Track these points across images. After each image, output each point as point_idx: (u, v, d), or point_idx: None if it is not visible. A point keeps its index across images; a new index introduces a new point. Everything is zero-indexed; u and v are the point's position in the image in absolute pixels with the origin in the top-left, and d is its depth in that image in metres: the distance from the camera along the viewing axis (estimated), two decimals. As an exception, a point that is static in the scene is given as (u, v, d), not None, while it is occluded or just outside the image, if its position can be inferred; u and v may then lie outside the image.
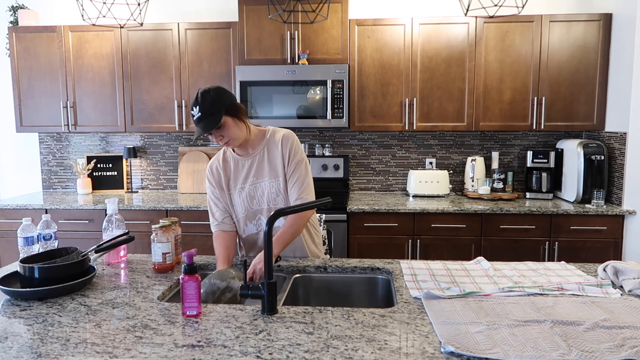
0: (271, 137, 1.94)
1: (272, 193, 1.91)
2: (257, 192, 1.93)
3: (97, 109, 3.67)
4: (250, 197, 1.93)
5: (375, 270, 1.86)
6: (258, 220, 1.96)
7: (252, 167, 1.93)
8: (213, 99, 1.76)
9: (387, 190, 3.93)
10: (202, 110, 1.74)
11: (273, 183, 1.91)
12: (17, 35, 3.65)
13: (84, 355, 1.14)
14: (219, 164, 1.98)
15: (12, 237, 3.44)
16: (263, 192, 1.92)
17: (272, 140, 1.93)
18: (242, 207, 1.95)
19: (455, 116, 3.46)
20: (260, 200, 1.93)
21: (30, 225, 1.81)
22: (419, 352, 1.15)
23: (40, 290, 1.49)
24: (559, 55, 3.37)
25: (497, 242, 3.21)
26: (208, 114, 1.74)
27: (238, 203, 1.96)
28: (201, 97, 1.76)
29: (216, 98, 1.77)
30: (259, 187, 1.92)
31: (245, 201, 1.94)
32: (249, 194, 1.93)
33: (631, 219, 3.12)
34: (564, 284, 1.61)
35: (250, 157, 1.93)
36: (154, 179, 4.06)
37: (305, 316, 1.37)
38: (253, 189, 1.93)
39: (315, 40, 3.44)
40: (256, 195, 1.93)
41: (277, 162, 1.90)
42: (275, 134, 1.94)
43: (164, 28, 3.57)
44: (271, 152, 1.92)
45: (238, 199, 1.95)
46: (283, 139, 1.90)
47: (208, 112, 1.74)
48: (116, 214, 1.91)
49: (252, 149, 1.94)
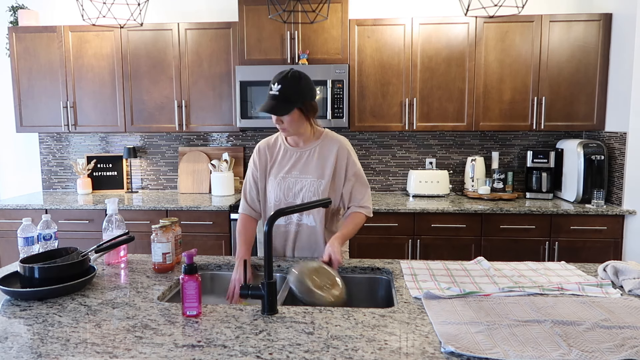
0: (327, 139, 1.95)
1: (310, 192, 1.90)
2: (296, 186, 1.92)
3: (97, 109, 3.67)
4: (288, 189, 1.93)
5: (375, 270, 1.86)
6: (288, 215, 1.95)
7: (300, 161, 1.93)
8: (298, 88, 1.76)
9: (387, 190, 3.93)
10: (281, 91, 1.74)
11: (314, 183, 1.90)
12: (17, 35, 3.64)
13: (84, 355, 1.14)
14: (268, 146, 1.99)
15: (12, 237, 3.44)
16: (302, 188, 1.91)
17: (326, 143, 1.94)
18: (276, 195, 1.94)
19: (455, 116, 3.46)
20: (297, 195, 1.92)
21: (30, 225, 1.81)
22: (419, 352, 1.15)
23: (40, 290, 1.49)
24: (559, 55, 3.37)
25: (497, 242, 3.20)
26: (284, 98, 1.75)
27: (272, 190, 1.95)
28: (290, 79, 1.75)
29: (301, 88, 1.77)
30: (299, 182, 1.92)
31: (282, 191, 1.93)
32: (288, 185, 1.93)
33: (631, 219, 3.11)
34: (564, 283, 1.61)
35: (299, 149, 1.94)
36: (154, 179, 4.06)
37: (305, 316, 1.37)
38: (294, 182, 1.92)
39: (315, 40, 3.44)
40: (294, 188, 1.92)
41: (326, 165, 1.91)
42: (332, 138, 1.95)
43: (164, 28, 3.57)
44: (323, 153, 1.92)
45: (274, 187, 1.94)
46: (340, 147, 1.93)
47: (285, 96, 1.75)
48: (116, 214, 1.91)
49: (303, 144, 1.95)
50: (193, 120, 3.63)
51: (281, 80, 1.75)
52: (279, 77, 1.76)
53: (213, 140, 4.00)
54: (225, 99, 3.58)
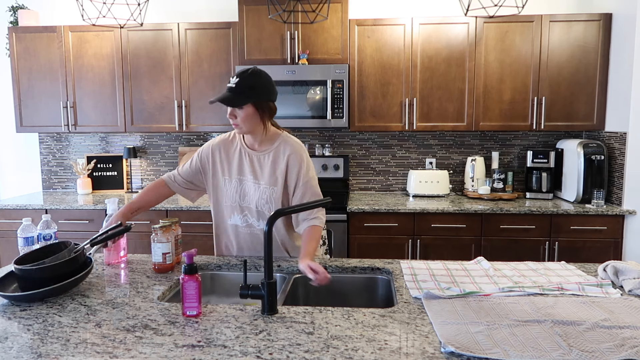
0: (282, 145, 1.89)
1: (262, 198, 1.88)
2: (251, 191, 1.90)
3: (97, 109, 3.67)
4: (244, 193, 1.91)
5: (375, 270, 1.86)
6: (245, 216, 1.93)
7: (254, 165, 1.90)
8: (256, 84, 1.77)
9: (387, 190, 3.93)
10: (238, 84, 1.75)
11: (267, 190, 1.88)
12: (17, 35, 3.65)
13: (84, 355, 1.14)
14: (225, 144, 1.97)
15: (12, 237, 3.44)
16: (256, 193, 1.89)
17: (281, 149, 1.89)
18: (232, 197, 1.92)
19: (455, 116, 3.46)
20: (252, 200, 1.90)
21: (30, 225, 1.81)
22: (419, 352, 1.15)
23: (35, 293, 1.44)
24: (559, 55, 3.37)
25: (497, 242, 3.20)
26: (240, 91, 1.75)
27: (225, 190, 1.93)
28: (249, 74, 1.76)
29: (258, 86, 1.77)
30: (253, 187, 1.90)
31: (237, 194, 1.91)
32: (243, 189, 1.91)
33: (631, 219, 3.11)
34: (564, 283, 1.61)
35: (255, 153, 1.91)
36: (154, 179, 4.06)
37: (305, 316, 1.37)
38: (249, 186, 1.90)
39: (315, 40, 3.44)
40: (249, 193, 1.90)
41: (278, 172, 1.87)
42: (286, 144, 1.89)
43: (164, 28, 3.57)
44: (276, 158, 1.88)
45: (228, 187, 1.93)
46: (292, 153, 1.87)
47: (241, 90, 1.75)
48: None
49: (258, 146, 1.91)
50: (193, 120, 3.63)
51: (240, 74, 1.77)
52: (239, 71, 1.78)
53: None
54: (225, 99, 3.58)
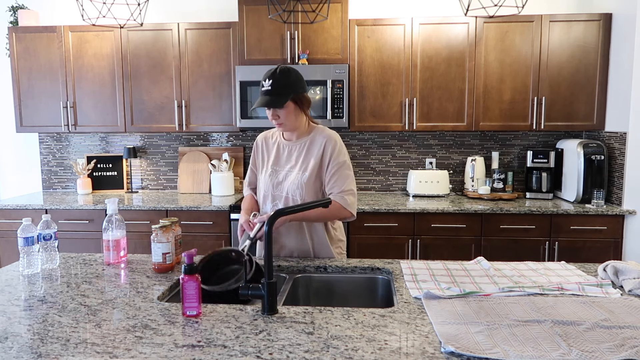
0: (318, 133, 1.97)
1: (294, 184, 1.94)
2: (282, 178, 1.98)
3: (97, 109, 3.67)
4: (276, 181, 1.99)
5: (375, 270, 1.86)
6: (275, 205, 1.99)
7: (291, 154, 1.99)
8: (289, 81, 1.82)
9: (387, 190, 3.93)
10: (273, 86, 1.81)
11: (299, 175, 1.94)
12: (17, 35, 3.64)
13: (84, 355, 1.14)
14: (265, 139, 2.10)
15: (12, 237, 3.43)
16: (287, 180, 1.96)
17: (316, 136, 1.97)
18: (265, 186, 2.01)
19: (455, 116, 3.46)
20: (283, 187, 1.97)
21: (30, 225, 1.81)
22: (419, 352, 1.15)
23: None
24: (559, 55, 3.37)
25: (497, 242, 3.20)
26: (277, 92, 1.81)
27: (263, 181, 2.03)
28: (279, 74, 1.82)
29: (292, 81, 1.84)
30: (286, 175, 1.97)
31: (270, 183, 1.99)
32: (276, 177, 1.99)
33: (631, 219, 3.11)
34: (564, 283, 1.61)
35: (291, 143, 1.99)
36: (154, 179, 4.06)
37: (305, 316, 1.37)
38: (282, 174, 1.98)
39: (315, 40, 3.44)
40: (281, 180, 1.98)
41: (311, 157, 1.94)
42: (322, 132, 1.98)
43: (164, 28, 3.57)
44: (312, 146, 1.96)
45: (265, 178, 2.02)
46: (327, 139, 1.94)
47: (278, 90, 1.81)
48: (116, 214, 1.91)
49: (296, 138, 1.99)
50: (193, 120, 3.63)
51: (271, 75, 1.82)
52: (269, 74, 1.83)
53: (213, 140, 4.00)
54: (225, 99, 3.58)
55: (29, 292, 1.58)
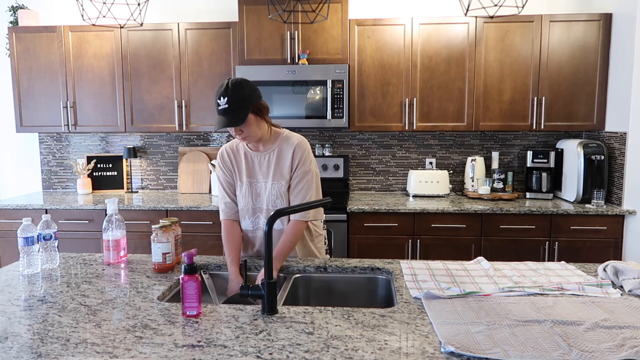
0: (284, 140, 1.92)
1: (272, 195, 1.91)
2: (261, 190, 1.94)
3: (97, 109, 3.67)
4: (255, 194, 1.94)
5: (375, 270, 1.86)
6: (256, 219, 1.96)
7: (261, 165, 1.93)
8: (244, 94, 1.73)
9: (387, 190, 3.93)
10: (229, 103, 1.72)
11: (275, 185, 1.90)
12: (17, 35, 3.64)
13: (84, 355, 1.14)
14: (232, 153, 1.98)
15: (12, 237, 3.43)
16: (266, 191, 1.93)
17: (284, 144, 1.91)
18: (245, 201, 1.96)
19: (455, 116, 3.46)
20: (262, 199, 1.94)
21: (30, 225, 1.81)
22: (419, 352, 1.15)
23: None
24: (559, 55, 3.37)
25: (497, 242, 3.20)
26: (235, 108, 1.72)
27: (241, 196, 1.97)
28: (232, 89, 1.72)
29: (247, 94, 1.74)
30: (263, 186, 1.93)
31: (250, 196, 1.95)
32: (255, 190, 1.94)
33: (631, 219, 3.11)
34: (564, 283, 1.61)
35: (260, 153, 1.93)
36: (154, 179, 4.06)
37: (305, 316, 1.37)
38: (259, 186, 1.94)
39: (315, 40, 3.44)
40: (260, 192, 1.94)
41: (284, 166, 1.90)
42: (289, 139, 1.92)
43: (164, 28, 3.57)
44: (281, 155, 1.91)
45: (243, 192, 1.96)
46: (296, 146, 1.89)
47: (235, 106, 1.72)
48: (116, 214, 1.91)
49: (263, 147, 1.93)
50: (193, 120, 3.63)
51: (224, 92, 1.72)
52: (222, 91, 1.73)
53: (213, 140, 4.00)
54: (225, 99, 3.58)
55: (29, 292, 1.58)
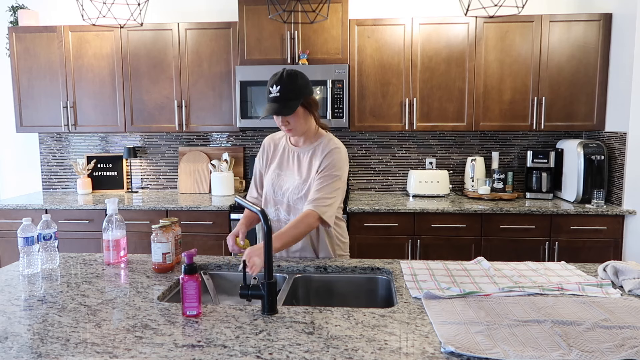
0: (324, 143, 1.90)
1: (295, 193, 1.91)
2: (284, 185, 1.95)
3: (97, 109, 3.67)
4: (278, 186, 1.96)
5: (375, 270, 1.86)
6: (277, 210, 1.98)
7: (294, 161, 1.95)
8: (297, 85, 1.74)
9: (387, 190, 3.93)
10: (281, 92, 1.73)
11: (300, 185, 1.91)
12: (17, 35, 3.64)
13: (84, 355, 1.14)
14: (272, 142, 2.03)
15: (12, 237, 3.43)
16: (289, 187, 1.94)
17: (322, 146, 1.90)
18: (268, 190, 1.99)
19: (455, 116, 3.46)
20: (284, 193, 1.95)
21: (30, 225, 1.81)
22: (419, 352, 1.15)
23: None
24: (559, 55, 3.37)
25: (497, 242, 3.20)
26: (286, 97, 1.73)
27: (266, 184, 2.00)
28: (286, 78, 1.74)
29: (300, 85, 1.75)
30: (287, 181, 1.95)
31: (272, 187, 1.97)
32: (279, 183, 1.96)
33: (631, 219, 3.11)
34: (564, 283, 1.61)
35: (297, 149, 1.95)
36: (154, 179, 4.06)
37: (305, 316, 1.37)
38: (284, 180, 1.95)
39: (315, 40, 3.44)
40: (283, 187, 1.95)
41: (313, 167, 1.90)
42: (329, 142, 1.90)
43: (164, 28, 3.57)
44: (315, 155, 1.91)
45: (268, 182, 1.99)
46: (331, 151, 1.86)
47: (287, 96, 1.73)
48: (116, 214, 1.91)
49: (303, 143, 1.94)
50: (193, 120, 3.63)
51: (278, 81, 1.75)
52: (276, 79, 1.76)
53: (213, 140, 4.00)
54: (225, 99, 3.58)
55: (29, 292, 1.58)
